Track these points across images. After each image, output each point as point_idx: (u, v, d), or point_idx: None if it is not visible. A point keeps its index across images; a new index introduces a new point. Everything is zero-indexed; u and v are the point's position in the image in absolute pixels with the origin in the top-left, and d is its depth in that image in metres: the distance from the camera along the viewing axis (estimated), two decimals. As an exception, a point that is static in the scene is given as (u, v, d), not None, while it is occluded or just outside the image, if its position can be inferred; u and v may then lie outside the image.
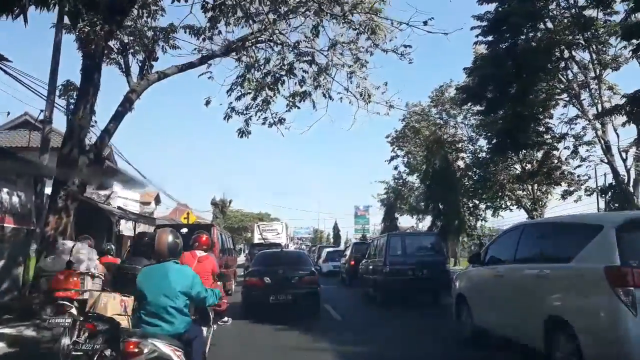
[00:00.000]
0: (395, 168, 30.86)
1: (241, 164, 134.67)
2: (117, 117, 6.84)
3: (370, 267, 13.95)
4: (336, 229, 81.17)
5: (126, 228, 13.74)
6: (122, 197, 16.76)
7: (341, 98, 8.88)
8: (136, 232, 13.65)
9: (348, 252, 20.60)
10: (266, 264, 10.20)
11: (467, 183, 20.13)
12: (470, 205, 22.63)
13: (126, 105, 6.94)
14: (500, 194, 19.25)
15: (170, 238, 3.62)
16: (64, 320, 5.04)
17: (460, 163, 21.54)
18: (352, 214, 70.36)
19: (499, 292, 6.14)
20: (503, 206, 20.11)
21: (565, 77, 13.64)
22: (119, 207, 15.03)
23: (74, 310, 5.26)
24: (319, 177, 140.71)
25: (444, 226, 17.44)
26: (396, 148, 30.70)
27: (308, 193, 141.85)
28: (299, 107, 8.95)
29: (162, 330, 3.41)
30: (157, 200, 39.94)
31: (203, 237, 6.37)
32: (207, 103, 8.67)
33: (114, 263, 8.60)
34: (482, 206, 21.20)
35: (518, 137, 13.32)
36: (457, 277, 8.09)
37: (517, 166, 18.74)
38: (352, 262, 17.97)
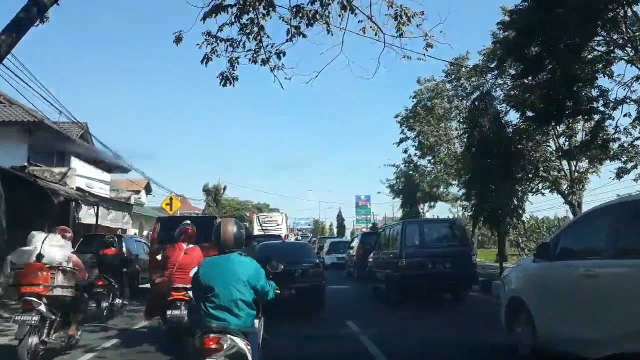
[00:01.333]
0: (405, 151, 29.05)
1: (237, 150, 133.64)
2: (16, 27, 4.74)
3: (382, 260, 12.50)
4: (340, 218, 79.66)
5: (88, 215, 11.82)
6: (84, 177, 14.32)
7: (364, 28, 6.69)
8: (97, 220, 12.22)
9: (355, 244, 19.35)
10: (267, 256, 9.12)
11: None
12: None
13: (32, 9, 4.84)
14: (531, 175, 16.98)
15: (235, 228, 3.61)
16: (30, 318, 5.06)
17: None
18: (353, 204, 69.10)
19: (590, 299, 4.29)
20: (533, 190, 17.88)
21: (625, 29, 11.38)
22: (78, 189, 12.79)
23: (42, 307, 5.23)
24: (319, 166, 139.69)
25: (494, 211, 13.56)
26: (406, 129, 28.80)
27: (308, 182, 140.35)
28: (304, 35, 6.76)
29: (228, 324, 3.30)
30: (148, 189, 37.98)
31: (189, 229, 6.57)
32: (178, 40, 6.64)
33: (117, 255, 9.33)
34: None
35: (564, 103, 11.13)
36: (508, 275, 6.26)
37: (552, 142, 16.58)
38: (362, 253, 16.54)
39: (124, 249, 11.08)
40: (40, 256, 5.50)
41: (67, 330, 5.84)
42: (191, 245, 6.45)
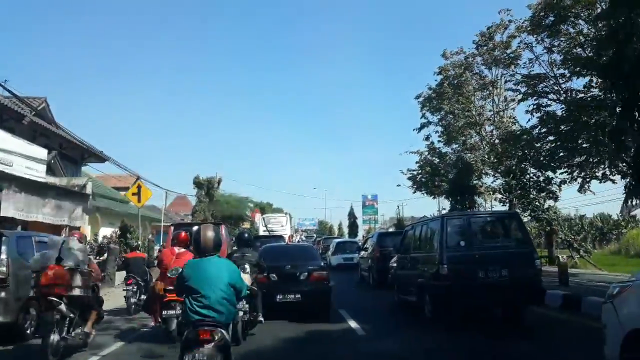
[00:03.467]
0: (427, 138, 27.02)
1: (240, 148, 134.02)
2: None
3: (412, 265, 10.45)
4: (352, 216, 78.09)
5: (13, 208, 9.50)
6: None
7: None
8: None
9: (370, 245, 17.75)
10: (271, 259, 9.86)
11: (545, 147, 15.63)
12: (541, 178, 18.65)
13: None
14: (598, 157, 14.56)
15: (213, 234, 4.29)
16: (52, 317, 6.21)
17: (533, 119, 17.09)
18: (360, 204, 69.45)
19: None
20: (600, 175, 15.56)
21: None
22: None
23: (62, 307, 6.24)
24: (325, 166, 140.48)
25: None
26: (428, 112, 26.79)
27: (312, 181, 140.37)
28: None
29: (216, 320, 3.95)
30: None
31: (182, 234, 7.95)
32: None
33: (142, 258, 11.47)
34: (558, 178, 17.06)
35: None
36: (625, 294, 4.43)
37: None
38: (378, 256, 15.43)
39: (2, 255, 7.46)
40: (59, 259, 6.46)
41: (83, 328, 6.73)
42: (182, 250, 7.58)
